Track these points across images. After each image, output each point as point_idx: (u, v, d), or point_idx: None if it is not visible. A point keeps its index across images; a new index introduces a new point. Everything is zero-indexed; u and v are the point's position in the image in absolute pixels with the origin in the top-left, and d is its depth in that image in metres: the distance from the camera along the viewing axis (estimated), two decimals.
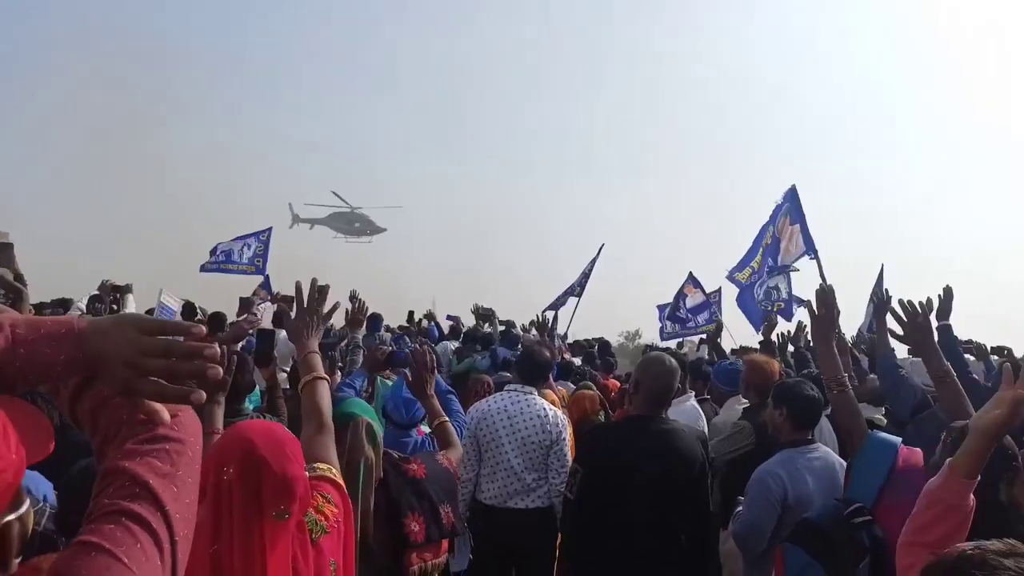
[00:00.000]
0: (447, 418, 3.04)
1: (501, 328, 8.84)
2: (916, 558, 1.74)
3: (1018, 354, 7.37)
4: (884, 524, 2.60)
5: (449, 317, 10.47)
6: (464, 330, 9.38)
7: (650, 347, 10.38)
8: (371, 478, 2.41)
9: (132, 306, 5.72)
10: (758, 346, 6.21)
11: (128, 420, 0.92)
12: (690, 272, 9.69)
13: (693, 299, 9.46)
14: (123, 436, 0.92)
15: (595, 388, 5.42)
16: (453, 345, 8.39)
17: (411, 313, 10.80)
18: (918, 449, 2.82)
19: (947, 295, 4.03)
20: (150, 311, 5.95)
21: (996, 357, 6.77)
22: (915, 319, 3.33)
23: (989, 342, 7.47)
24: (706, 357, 6.61)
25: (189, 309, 7.48)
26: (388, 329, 8.90)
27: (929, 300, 3.57)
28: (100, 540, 0.79)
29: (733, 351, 7.07)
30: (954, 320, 4.09)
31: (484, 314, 9.15)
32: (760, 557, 3.17)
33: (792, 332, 6.09)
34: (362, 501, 2.32)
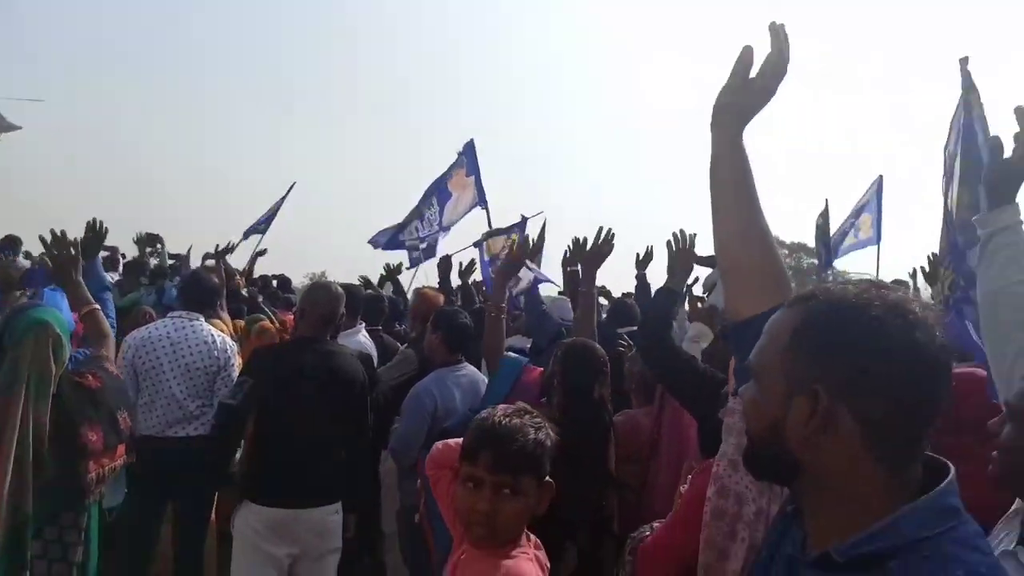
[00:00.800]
0: (97, 305, 2.98)
1: (171, 260, 8.21)
2: None
3: None
4: None
5: (105, 247, 9.38)
6: (124, 261, 8.51)
7: None
8: (46, 391, 2.33)
9: None
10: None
11: None
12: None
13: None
14: None
15: (272, 321, 5.41)
16: (112, 278, 7.60)
17: (53, 232, 9.46)
18: (539, 368, 3.41)
19: (647, 254, 5.31)
20: None
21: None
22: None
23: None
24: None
25: None
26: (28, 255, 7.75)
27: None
28: None
29: (416, 290, 7.44)
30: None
31: (149, 240, 8.35)
32: (411, 468, 3.54)
33: (464, 266, 6.53)
34: (35, 412, 2.28)
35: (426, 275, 8.96)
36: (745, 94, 1.41)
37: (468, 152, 6.99)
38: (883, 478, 0.95)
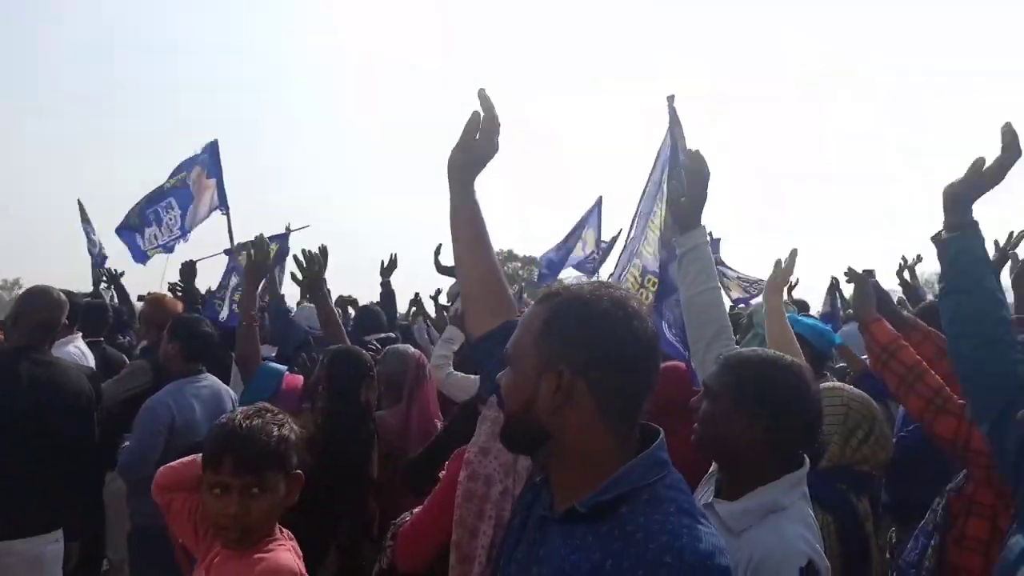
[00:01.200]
0: None
1: None
2: None
3: None
4: None
5: None
6: None
7: None
8: None
9: None
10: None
11: None
12: None
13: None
14: None
15: None
16: None
17: None
18: (300, 376, 3.39)
19: (391, 262, 5.78)
20: None
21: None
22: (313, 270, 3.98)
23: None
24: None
25: None
26: None
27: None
28: None
29: (147, 294, 6.82)
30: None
31: None
32: (143, 483, 3.28)
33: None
34: None
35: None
36: (473, 152, 1.62)
37: (211, 153, 6.60)
38: (612, 442, 1.18)
